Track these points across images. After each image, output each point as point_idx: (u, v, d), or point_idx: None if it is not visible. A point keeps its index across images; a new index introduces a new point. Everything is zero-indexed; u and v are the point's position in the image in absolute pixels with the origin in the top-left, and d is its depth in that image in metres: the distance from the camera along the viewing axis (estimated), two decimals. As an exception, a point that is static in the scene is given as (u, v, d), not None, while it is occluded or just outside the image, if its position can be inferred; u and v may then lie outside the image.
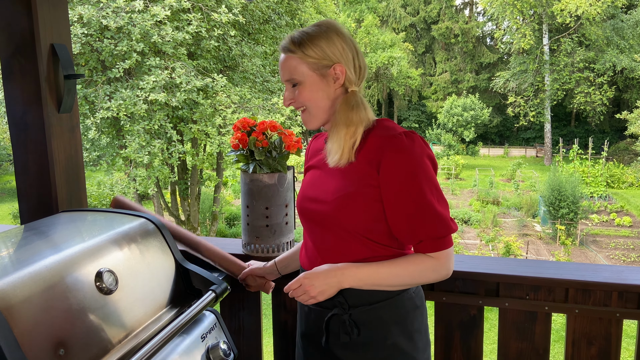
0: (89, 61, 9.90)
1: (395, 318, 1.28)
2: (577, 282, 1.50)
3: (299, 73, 1.29)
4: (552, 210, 15.62)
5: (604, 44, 28.59)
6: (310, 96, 1.30)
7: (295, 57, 1.29)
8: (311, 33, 1.30)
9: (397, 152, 1.20)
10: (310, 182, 1.39)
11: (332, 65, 1.28)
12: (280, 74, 1.34)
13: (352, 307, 1.28)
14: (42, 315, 0.97)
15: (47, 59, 1.55)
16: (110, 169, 11.32)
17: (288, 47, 1.31)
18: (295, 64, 1.29)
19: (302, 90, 1.30)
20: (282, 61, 1.32)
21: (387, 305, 1.28)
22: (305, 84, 1.29)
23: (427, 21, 36.45)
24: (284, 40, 1.33)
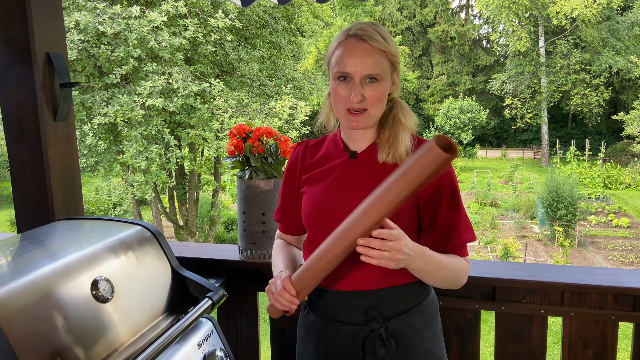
0: (85, 67, 9.91)
1: (425, 323, 1.27)
2: (573, 285, 1.51)
3: (382, 68, 1.16)
4: (550, 211, 15.64)
5: (600, 45, 28.69)
6: (382, 96, 1.19)
7: (381, 50, 1.16)
8: (383, 28, 1.20)
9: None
10: (338, 195, 1.24)
11: (398, 69, 1.22)
12: (356, 66, 1.14)
13: (386, 319, 1.22)
14: (38, 325, 0.97)
15: (43, 68, 1.55)
16: (108, 174, 11.31)
17: (374, 36, 1.16)
18: (380, 58, 1.16)
19: (377, 89, 1.17)
20: (362, 51, 1.15)
21: (417, 312, 1.26)
22: (382, 82, 1.17)
23: (424, 24, 36.54)
24: (361, 28, 1.17)
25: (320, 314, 1.28)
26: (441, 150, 0.94)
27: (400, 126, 1.23)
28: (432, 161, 0.95)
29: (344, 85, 1.17)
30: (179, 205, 13.22)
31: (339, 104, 1.20)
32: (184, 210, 13.10)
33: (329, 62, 1.22)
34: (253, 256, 1.72)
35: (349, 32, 1.18)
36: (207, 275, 1.63)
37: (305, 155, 1.36)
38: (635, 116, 23.06)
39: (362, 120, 1.19)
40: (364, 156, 1.27)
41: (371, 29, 1.16)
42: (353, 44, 1.16)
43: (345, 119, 1.21)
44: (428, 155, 0.96)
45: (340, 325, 1.24)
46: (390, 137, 1.23)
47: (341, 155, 1.29)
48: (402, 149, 1.22)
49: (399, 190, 0.99)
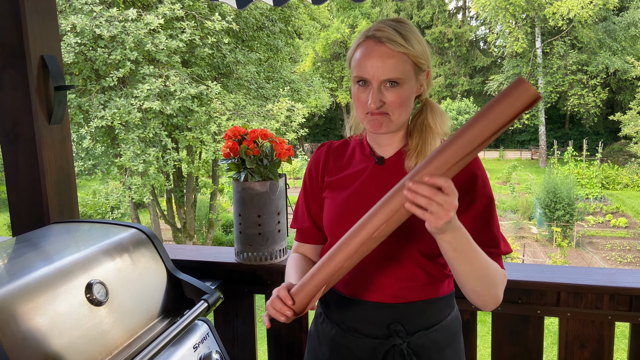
0: (82, 70, 9.90)
1: (448, 340, 1.22)
2: (569, 285, 1.51)
3: (403, 72, 1.08)
4: (548, 212, 15.67)
5: (597, 46, 28.79)
6: (406, 101, 1.11)
7: (401, 52, 1.08)
8: (409, 24, 1.12)
9: (479, 167, 1.17)
10: (363, 202, 1.12)
11: (427, 70, 1.15)
12: (373, 70, 1.08)
13: (409, 334, 1.16)
14: (32, 329, 0.96)
15: (37, 71, 1.55)
16: (106, 177, 11.30)
17: (393, 37, 1.08)
18: (401, 61, 1.08)
19: (399, 93, 1.09)
20: (380, 55, 1.07)
21: (441, 328, 1.20)
22: (405, 86, 1.09)
23: (421, 26, 36.62)
24: (379, 29, 1.09)
25: (339, 322, 1.22)
26: (531, 86, 0.84)
27: (430, 132, 1.16)
28: (520, 96, 0.84)
29: (362, 89, 1.11)
30: (177, 208, 13.21)
31: (359, 108, 1.14)
32: (181, 213, 13.09)
33: (350, 64, 1.16)
34: (249, 258, 1.71)
35: (367, 33, 1.11)
36: (203, 277, 1.63)
37: (328, 157, 1.28)
38: (632, 116, 23.13)
39: (385, 123, 1.11)
40: (392, 163, 1.20)
41: (390, 30, 1.08)
42: (370, 47, 1.09)
43: (367, 123, 1.14)
44: (516, 90, 0.85)
45: (359, 337, 1.18)
46: (419, 144, 1.16)
47: (367, 160, 1.22)
48: None
49: (478, 132, 0.87)
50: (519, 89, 0.85)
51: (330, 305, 1.24)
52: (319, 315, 1.30)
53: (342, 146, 1.29)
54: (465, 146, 0.88)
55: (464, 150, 0.88)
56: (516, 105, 0.85)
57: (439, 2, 35.68)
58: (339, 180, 1.24)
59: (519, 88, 0.85)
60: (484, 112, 0.87)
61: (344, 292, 1.20)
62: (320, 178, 1.28)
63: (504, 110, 0.86)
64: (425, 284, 1.17)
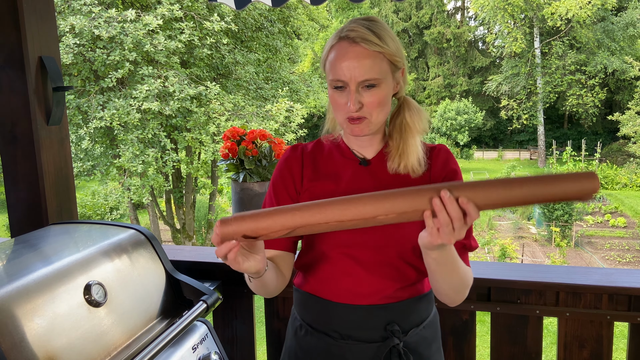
0: (81, 71, 9.91)
1: (433, 335, 1.23)
2: (568, 285, 1.51)
3: (380, 71, 1.06)
4: (547, 212, 15.69)
5: (595, 46, 28.83)
6: (384, 101, 1.09)
7: (376, 51, 1.05)
8: (381, 23, 1.09)
9: (456, 164, 1.19)
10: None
11: (402, 67, 1.12)
12: (350, 72, 1.05)
13: (404, 333, 1.15)
14: (31, 330, 0.96)
15: (36, 72, 1.55)
16: (105, 178, 11.30)
17: (367, 37, 1.05)
18: (377, 60, 1.05)
19: (377, 94, 1.07)
20: (355, 56, 1.05)
21: (428, 324, 1.21)
22: (382, 86, 1.07)
23: (420, 26, 36.65)
24: (352, 29, 1.06)
25: (330, 332, 1.17)
26: (598, 183, 0.86)
27: (409, 131, 1.14)
28: (584, 186, 0.85)
29: (340, 92, 1.08)
30: (176, 209, 13.21)
31: (338, 112, 1.11)
32: (181, 213, 13.09)
33: (324, 67, 1.13)
34: (248, 259, 1.71)
35: (340, 34, 1.08)
36: (202, 278, 1.63)
37: (305, 161, 1.23)
38: (631, 116, 23.16)
39: (364, 127, 1.10)
40: (376, 163, 1.18)
41: (364, 29, 1.06)
42: (345, 48, 1.06)
43: (346, 127, 1.12)
44: (585, 179, 0.85)
45: (354, 344, 1.14)
46: (400, 145, 1.14)
47: (349, 161, 1.19)
48: (413, 158, 1.14)
49: (530, 193, 0.86)
50: (588, 179, 0.86)
51: (318, 315, 1.20)
52: (298, 328, 1.24)
53: (317, 148, 1.24)
54: (513, 197, 0.87)
55: (509, 199, 0.87)
56: (575, 190, 0.86)
57: (438, 3, 35.70)
58: (321, 184, 1.19)
59: (589, 178, 0.86)
60: (547, 180, 0.87)
61: (336, 299, 1.16)
62: (299, 182, 1.21)
63: (563, 189, 0.86)
64: (416, 281, 1.17)
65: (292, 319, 1.30)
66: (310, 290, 1.21)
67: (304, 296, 1.23)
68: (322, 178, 1.19)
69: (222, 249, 0.92)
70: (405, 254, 1.14)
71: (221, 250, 0.92)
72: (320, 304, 1.19)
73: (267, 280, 1.10)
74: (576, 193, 0.85)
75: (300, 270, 1.25)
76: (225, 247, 0.92)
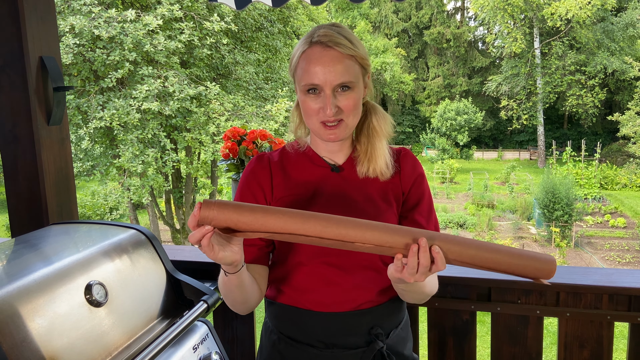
0: (81, 71, 9.90)
1: (407, 334, 1.27)
2: (568, 285, 1.51)
3: (354, 74, 1.08)
4: (547, 212, 15.68)
5: (595, 46, 28.84)
6: (358, 104, 1.11)
7: (349, 54, 1.07)
8: (346, 28, 1.11)
9: (421, 166, 1.23)
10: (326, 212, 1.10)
11: (369, 72, 1.14)
12: (325, 76, 1.05)
13: (386, 336, 1.17)
14: (32, 330, 0.96)
15: (36, 72, 1.55)
16: (104, 178, 11.29)
17: (340, 41, 1.06)
18: (350, 63, 1.07)
19: (352, 96, 1.08)
20: (330, 59, 1.05)
21: (403, 324, 1.25)
22: (355, 89, 1.09)
23: (419, 26, 36.65)
24: (325, 34, 1.06)
25: (313, 342, 1.16)
26: (552, 270, 0.93)
27: (376, 135, 1.16)
28: (542, 268, 0.93)
29: (314, 97, 1.08)
30: (176, 209, 13.21)
31: (312, 117, 1.10)
32: (180, 213, 13.08)
33: (294, 73, 1.12)
34: (248, 259, 1.71)
35: (311, 40, 1.08)
36: (202, 278, 1.62)
37: (273, 172, 1.20)
38: (631, 117, 23.17)
39: (340, 132, 1.10)
40: (347, 168, 1.19)
41: (336, 34, 1.07)
42: (318, 53, 1.06)
43: (321, 133, 1.11)
44: (546, 263, 0.93)
45: (339, 352, 1.14)
46: (368, 149, 1.16)
47: (320, 168, 1.19)
48: (381, 161, 1.16)
49: (496, 262, 0.92)
50: (548, 264, 0.93)
51: (299, 327, 1.18)
52: (276, 341, 1.22)
53: (284, 157, 1.22)
54: (482, 260, 0.92)
55: (478, 261, 0.92)
56: (532, 270, 0.93)
57: (438, 3, 35.71)
58: (294, 192, 1.18)
59: (548, 263, 0.93)
60: (514, 254, 0.92)
61: (318, 308, 1.15)
62: (269, 193, 1.19)
63: (524, 267, 0.92)
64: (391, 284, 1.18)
65: (266, 331, 1.27)
66: (288, 302, 1.19)
67: (280, 308, 1.21)
68: (294, 187, 1.18)
69: (195, 234, 0.88)
70: (383, 259, 1.16)
71: (195, 236, 0.88)
72: (301, 314, 1.17)
73: (244, 278, 1.06)
74: (533, 272, 0.92)
75: (272, 283, 1.23)
76: (199, 232, 0.87)
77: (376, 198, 1.17)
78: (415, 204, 1.20)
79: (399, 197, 1.20)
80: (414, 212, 1.19)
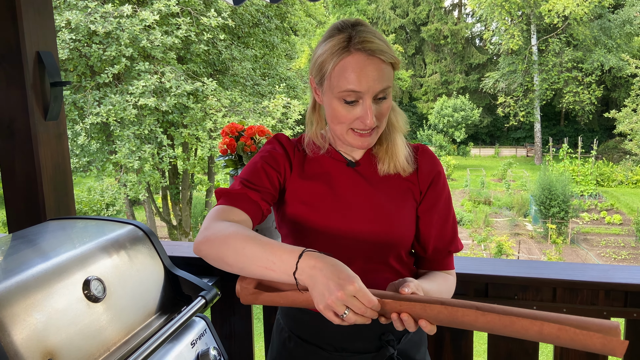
0: (77, 67, 9.86)
1: (421, 338, 1.24)
2: (564, 281, 1.52)
3: (391, 81, 1.05)
4: (543, 209, 15.74)
5: (592, 43, 28.88)
6: (389, 110, 1.09)
7: (390, 61, 1.04)
8: (373, 28, 1.07)
9: (440, 164, 1.21)
10: (340, 204, 1.13)
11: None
12: (370, 84, 1.01)
13: (397, 341, 1.15)
14: (30, 325, 0.96)
15: (33, 67, 1.54)
16: (101, 174, 11.27)
17: (382, 48, 1.02)
18: (389, 69, 1.04)
19: (388, 103, 1.07)
20: (375, 68, 1.01)
21: (417, 329, 1.23)
22: (390, 95, 1.07)
23: (417, 23, 36.61)
24: (367, 40, 1.01)
25: (323, 345, 1.15)
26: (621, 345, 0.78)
27: (395, 132, 1.15)
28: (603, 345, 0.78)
29: (350, 107, 1.04)
30: (173, 205, 13.19)
31: (342, 124, 1.07)
32: (177, 210, 13.07)
33: (324, 78, 1.06)
34: (246, 255, 1.71)
35: (350, 45, 1.02)
36: (200, 274, 1.63)
37: (294, 152, 1.19)
38: (627, 114, 23.23)
39: (372, 140, 1.08)
40: (364, 165, 1.17)
41: (375, 39, 1.02)
42: (362, 62, 1.01)
43: (350, 139, 1.08)
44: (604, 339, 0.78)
45: (348, 355, 1.13)
46: (389, 146, 1.14)
47: (336, 162, 1.17)
48: (402, 157, 1.14)
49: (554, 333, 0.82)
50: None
51: (310, 328, 1.17)
52: (287, 339, 1.21)
53: (300, 146, 1.21)
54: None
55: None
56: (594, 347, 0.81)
57: (435, -1, 35.71)
58: (310, 184, 1.16)
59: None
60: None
61: None
62: (287, 173, 1.17)
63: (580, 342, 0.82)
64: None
65: (278, 328, 1.27)
66: None
67: (292, 308, 1.20)
68: (309, 177, 1.16)
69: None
70: (398, 255, 1.15)
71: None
72: (312, 316, 1.15)
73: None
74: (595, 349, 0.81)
75: None
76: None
77: (393, 195, 1.15)
78: (433, 203, 1.18)
79: (416, 195, 1.18)
80: (432, 213, 1.17)
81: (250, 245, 0.92)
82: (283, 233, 1.21)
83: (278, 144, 1.19)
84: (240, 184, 1.11)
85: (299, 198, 1.15)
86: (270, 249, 0.90)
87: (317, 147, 1.18)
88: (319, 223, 1.12)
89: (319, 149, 1.18)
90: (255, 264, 0.91)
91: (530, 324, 0.81)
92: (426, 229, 1.17)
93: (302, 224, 1.14)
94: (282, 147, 1.18)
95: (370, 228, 1.11)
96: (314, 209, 1.13)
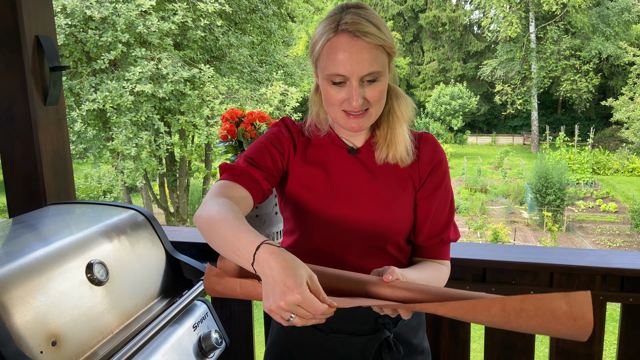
0: (73, 52, 9.78)
1: (419, 322, 1.24)
2: (562, 266, 1.53)
3: (380, 64, 1.03)
4: (539, 197, 15.80)
5: (590, 31, 28.78)
6: (383, 94, 1.06)
7: (377, 44, 1.01)
8: (372, 10, 1.04)
9: (443, 153, 1.19)
10: (340, 190, 1.14)
11: (393, 57, 1.08)
12: (354, 66, 1.00)
13: (394, 325, 1.16)
14: (34, 308, 0.97)
15: (32, 51, 1.54)
16: (97, 161, 11.24)
17: (368, 30, 1.00)
18: (378, 53, 1.02)
19: (378, 87, 1.04)
20: (358, 50, 1.00)
21: (415, 312, 1.20)
22: (381, 79, 1.04)
23: (415, 10, 36.36)
24: (352, 22, 1.00)
25: (319, 326, 1.15)
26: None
27: (397, 121, 1.13)
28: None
29: (338, 88, 1.04)
30: (170, 192, 13.19)
31: (334, 107, 1.07)
32: (174, 197, 13.07)
33: (317, 60, 1.07)
34: (246, 240, 1.72)
35: (337, 26, 1.02)
36: (201, 258, 1.64)
37: (299, 136, 1.20)
38: (624, 102, 23.23)
39: (364, 122, 1.07)
40: (364, 152, 1.17)
41: (363, 20, 1.01)
42: (345, 43, 1.00)
43: (343, 122, 1.08)
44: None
45: (345, 337, 1.14)
46: (388, 135, 1.13)
47: (338, 149, 1.17)
48: (401, 147, 1.13)
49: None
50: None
51: None
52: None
53: (304, 129, 1.21)
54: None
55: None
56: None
57: (433, -14, 35.43)
58: (310, 169, 1.16)
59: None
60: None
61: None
62: (292, 151, 1.17)
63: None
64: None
65: None
66: None
67: None
68: (311, 163, 1.17)
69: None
70: (396, 243, 1.15)
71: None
72: None
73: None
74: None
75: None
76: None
77: (392, 183, 1.15)
78: (431, 191, 1.16)
79: (416, 182, 1.17)
80: (429, 200, 1.16)
81: (224, 227, 0.90)
82: (285, 216, 1.22)
83: (284, 126, 1.20)
84: (244, 161, 1.11)
85: (300, 182, 1.16)
86: (238, 233, 0.87)
87: (318, 129, 1.18)
88: (318, 208, 1.13)
89: (320, 132, 1.18)
90: (226, 246, 0.90)
91: (491, 302, 0.78)
92: (421, 216, 1.16)
93: (302, 207, 1.15)
94: (288, 130, 1.19)
95: (368, 216, 1.11)
96: (313, 194, 1.14)
